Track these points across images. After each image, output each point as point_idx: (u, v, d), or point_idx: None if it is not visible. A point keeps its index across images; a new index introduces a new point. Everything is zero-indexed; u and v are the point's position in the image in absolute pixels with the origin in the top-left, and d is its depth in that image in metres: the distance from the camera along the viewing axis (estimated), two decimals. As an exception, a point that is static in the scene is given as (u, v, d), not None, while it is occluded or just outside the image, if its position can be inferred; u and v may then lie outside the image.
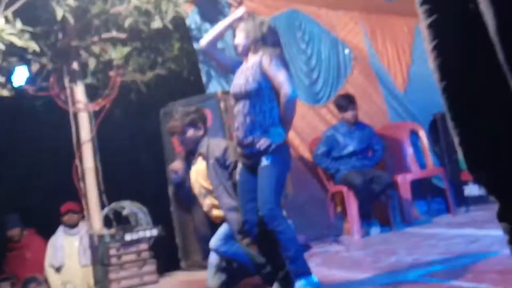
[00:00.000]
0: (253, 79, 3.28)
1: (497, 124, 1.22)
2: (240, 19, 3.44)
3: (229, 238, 3.68)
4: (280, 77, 3.25)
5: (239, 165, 3.44)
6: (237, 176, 3.46)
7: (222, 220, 3.73)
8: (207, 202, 3.82)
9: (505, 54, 1.09)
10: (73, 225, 5.59)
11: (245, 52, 3.43)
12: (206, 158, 3.74)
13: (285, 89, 3.23)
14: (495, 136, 1.23)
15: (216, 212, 3.79)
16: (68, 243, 5.55)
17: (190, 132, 3.82)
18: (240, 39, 3.42)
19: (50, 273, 5.57)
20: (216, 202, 3.73)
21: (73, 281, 5.45)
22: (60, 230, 5.66)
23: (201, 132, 3.85)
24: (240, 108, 3.33)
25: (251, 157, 3.30)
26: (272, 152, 3.22)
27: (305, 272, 3.19)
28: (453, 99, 1.28)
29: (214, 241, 3.73)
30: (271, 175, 3.22)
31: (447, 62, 1.28)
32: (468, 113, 1.26)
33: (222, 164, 3.67)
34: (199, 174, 3.83)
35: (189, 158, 3.91)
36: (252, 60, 3.37)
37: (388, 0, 6.65)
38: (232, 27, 3.51)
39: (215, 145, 3.76)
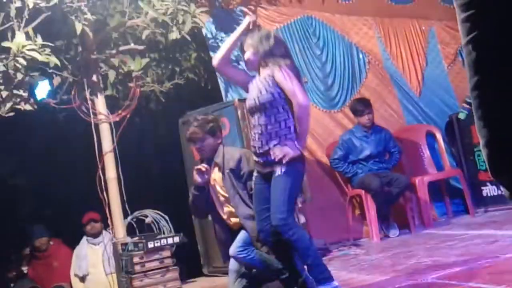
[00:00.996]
0: (266, 90, 3.34)
1: None
2: (247, 29, 3.51)
3: (247, 245, 3.74)
4: (291, 87, 3.31)
5: (255, 174, 3.51)
6: (252, 184, 3.54)
7: (241, 227, 3.80)
8: (225, 210, 3.90)
9: None
10: (95, 234, 5.70)
11: (256, 67, 3.51)
12: (221, 167, 3.81)
13: (298, 99, 3.28)
14: None
15: (234, 220, 3.86)
16: (92, 252, 5.65)
17: (209, 140, 3.86)
18: (249, 55, 3.49)
19: (75, 283, 5.68)
20: (233, 210, 3.81)
21: (99, 289, 5.55)
22: (84, 240, 5.77)
23: (219, 141, 3.91)
24: (256, 119, 3.40)
25: (267, 166, 3.36)
26: (287, 162, 3.27)
27: (326, 278, 3.23)
28: (484, 97, 1.22)
29: (233, 248, 3.79)
30: (285, 185, 3.27)
31: (482, 57, 1.20)
32: (499, 112, 1.20)
33: (237, 174, 3.74)
34: (216, 183, 3.90)
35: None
36: (264, 73, 3.43)
37: (395, 2, 6.70)
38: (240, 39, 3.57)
39: (230, 155, 3.82)
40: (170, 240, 4.91)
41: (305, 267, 3.39)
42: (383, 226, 5.53)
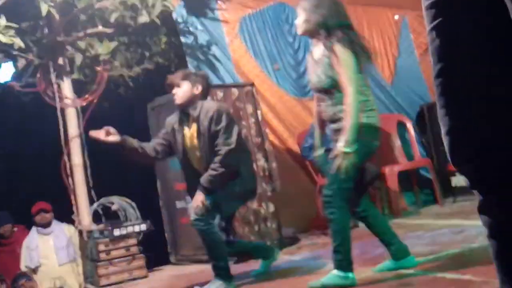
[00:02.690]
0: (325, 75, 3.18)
1: (491, 116, 1.16)
2: None
3: (207, 213, 3.63)
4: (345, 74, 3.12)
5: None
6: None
7: None
8: (199, 166, 3.76)
9: None
10: (46, 225, 5.51)
11: (310, 35, 3.31)
12: (197, 122, 3.70)
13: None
14: (486, 128, 1.16)
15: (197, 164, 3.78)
16: (43, 243, 5.46)
17: (186, 88, 3.73)
18: (300, 21, 3.26)
19: (27, 275, 5.52)
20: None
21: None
22: (33, 230, 5.58)
23: (197, 92, 3.76)
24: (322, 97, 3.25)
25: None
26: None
27: (344, 266, 3.16)
28: (447, 85, 1.20)
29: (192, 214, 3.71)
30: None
31: (445, 44, 1.19)
32: (461, 100, 1.18)
33: (212, 130, 3.62)
34: (193, 138, 3.76)
35: (182, 119, 3.82)
36: (319, 49, 3.24)
37: None
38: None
39: (206, 109, 3.68)
40: (136, 228, 4.85)
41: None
42: (352, 215, 5.51)
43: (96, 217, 5.08)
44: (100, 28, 5.30)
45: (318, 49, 3.25)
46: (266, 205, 5.05)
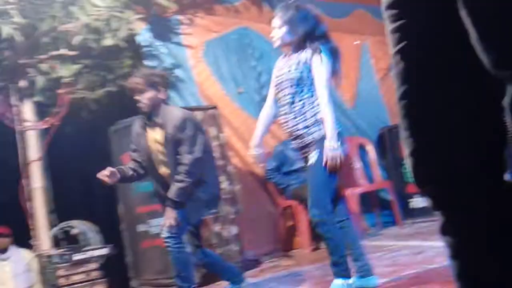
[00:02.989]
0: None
1: (453, 137, 1.19)
2: None
3: (178, 229, 3.60)
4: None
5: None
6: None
7: None
8: (162, 170, 3.75)
9: (491, 59, 1.04)
10: (3, 250, 5.39)
11: (290, 47, 3.36)
12: (162, 128, 3.65)
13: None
14: (449, 149, 1.20)
15: (164, 170, 3.73)
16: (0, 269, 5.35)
17: (150, 94, 3.66)
18: (283, 33, 3.31)
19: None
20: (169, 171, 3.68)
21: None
22: None
23: (161, 97, 3.72)
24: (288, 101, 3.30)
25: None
26: (320, 146, 3.18)
27: (345, 275, 3.21)
28: (411, 107, 1.22)
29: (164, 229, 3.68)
30: (319, 173, 3.19)
31: (409, 67, 1.21)
32: (424, 122, 1.21)
33: (177, 138, 3.59)
34: (157, 142, 3.72)
35: (145, 123, 3.78)
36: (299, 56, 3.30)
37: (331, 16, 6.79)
38: None
39: (171, 116, 3.64)
40: (97, 252, 4.79)
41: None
42: (314, 237, 5.56)
43: (56, 242, 5.00)
44: (63, 50, 5.27)
45: (293, 57, 3.32)
46: (229, 228, 5.06)
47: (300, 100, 3.25)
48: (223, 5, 6.26)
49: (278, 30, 3.31)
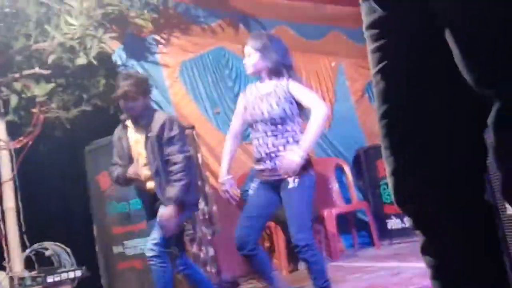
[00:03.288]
0: (278, 105, 3.23)
1: (433, 157, 1.19)
2: None
3: (161, 245, 3.58)
4: (313, 95, 3.33)
5: (257, 182, 3.36)
6: (250, 191, 3.40)
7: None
8: (144, 173, 3.71)
9: (473, 78, 1.04)
10: None
11: (261, 73, 3.38)
12: (146, 130, 3.65)
13: (322, 105, 3.25)
14: (429, 169, 1.19)
15: (150, 185, 3.70)
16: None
17: (141, 101, 3.68)
18: (256, 60, 3.34)
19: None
20: (150, 173, 3.65)
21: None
22: None
23: (148, 101, 3.79)
24: (260, 128, 3.29)
25: (275, 172, 3.23)
26: (299, 173, 3.15)
27: None
28: (391, 126, 1.22)
29: (148, 244, 3.66)
30: (302, 198, 3.18)
31: (390, 87, 1.21)
32: (405, 142, 1.21)
33: (159, 140, 3.58)
34: (138, 144, 3.72)
35: (127, 126, 3.79)
36: (272, 84, 3.32)
37: (306, 38, 6.86)
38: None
39: (155, 118, 3.66)
40: (71, 274, 4.69)
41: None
42: (292, 258, 5.53)
43: (28, 264, 4.88)
44: (37, 69, 5.21)
45: (267, 85, 3.33)
46: (206, 249, 5.00)
47: (284, 130, 3.25)
48: (199, 25, 6.26)
49: (250, 57, 3.36)
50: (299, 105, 3.27)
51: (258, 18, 6.58)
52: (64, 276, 4.64)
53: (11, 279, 4.77)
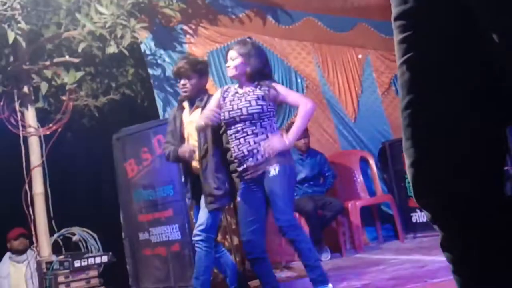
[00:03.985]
0: (257, 103, 3.41)
1: (455, 149, 1.17)
2: None
3: (208, 232, 3.67)
4: (296, 95, 3.69)
5: (241, 185, 3.48)
6: (238, 197, 3.51)
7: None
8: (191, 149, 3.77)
9: None
10: (22, 251, 5.41)
11: (241, 77, 3.53)
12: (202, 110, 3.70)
13: (307, 101, 3.52)
14: (451, 162, 1.17)
15: (195, 164, 3.78)
16: (15, 271, 5.36)
17: (196, 80, 3.78)
18: (238, 63, 3.49)
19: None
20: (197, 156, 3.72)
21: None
22: (6, 257, 5.47)
23: (204, 83, 3.87)
24: (240, 127, 3.42)
25: (258, 167, 3.36)
26: (279, 162, 3.31)
27: (324, 281, 3.29)
28: (415, 117, 1.20)
29: (195, 230, 3.75)
30: (283, 184, 3.31)
31: (415, 77, 1.20)
32: (427, 133, 1.19)
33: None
34: (190, 124, 3.80)
35: (183, 106, 3.88)
36: (251, 87, 3.49)
37: (334, 30, 6.84)
38: None
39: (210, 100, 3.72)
40: (97, 259, 4.77)
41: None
42: (315, 249, 5.54)
43: (56, 248, 4.98)
44: (67, 57, 5.29)
45: (244, 89, 3.50)
46: (231, 238, 5.04)
47: (263, 128, 3.41)
48: (227, 16, 6.28)
49: (233, 61, 3.50)
50: (277, 105, 3.47)
51: (286, 9, 6.58)
52: (90, 261, 4.72)
53: (40, 263, 4.87)
